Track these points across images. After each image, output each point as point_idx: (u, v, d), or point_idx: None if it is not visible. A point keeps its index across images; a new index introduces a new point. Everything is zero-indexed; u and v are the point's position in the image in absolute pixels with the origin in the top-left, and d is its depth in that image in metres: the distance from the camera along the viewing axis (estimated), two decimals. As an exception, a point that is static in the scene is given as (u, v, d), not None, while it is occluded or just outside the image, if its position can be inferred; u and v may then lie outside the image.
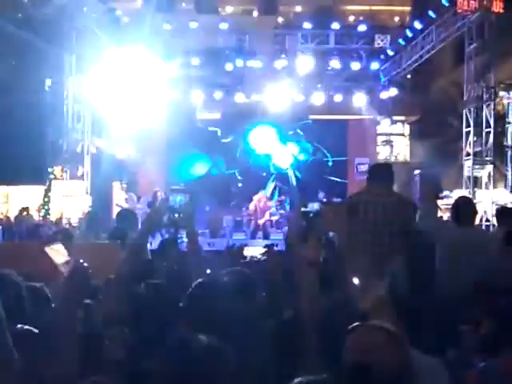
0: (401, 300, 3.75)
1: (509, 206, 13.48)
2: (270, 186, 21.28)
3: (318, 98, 20.69)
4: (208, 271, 3.45)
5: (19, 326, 2.55)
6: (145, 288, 2.78)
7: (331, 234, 5.33)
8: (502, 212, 7.36)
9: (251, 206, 18.09)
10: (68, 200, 15.56)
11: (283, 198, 20.43)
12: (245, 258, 4.35)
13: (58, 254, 4.47)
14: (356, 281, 3.29)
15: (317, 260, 3.29)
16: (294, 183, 21.09)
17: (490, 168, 14.97)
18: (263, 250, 4.48)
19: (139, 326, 2.46)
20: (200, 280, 2.83)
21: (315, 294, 2.87)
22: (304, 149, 21.55)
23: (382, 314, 2.69)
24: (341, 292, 3.17)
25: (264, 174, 21.41)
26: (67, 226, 14.67)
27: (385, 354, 2.10)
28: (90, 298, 3.14)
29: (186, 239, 3.62)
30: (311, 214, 3.38)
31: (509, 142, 17.84)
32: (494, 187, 15.08)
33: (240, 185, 21.12)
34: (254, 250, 5.55)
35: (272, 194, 21.03)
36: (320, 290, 3.08)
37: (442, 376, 2.71)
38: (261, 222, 17.69)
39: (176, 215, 3.45)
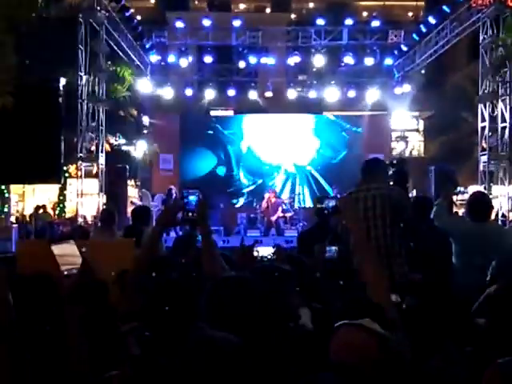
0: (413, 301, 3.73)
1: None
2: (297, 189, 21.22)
3: (332, 94, 20.65)
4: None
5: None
6: (163, 284, 2.77)
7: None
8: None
9: (264, 203, 18.06)
10: (83, 198, 15.64)
11: (298, 193, 20.49)
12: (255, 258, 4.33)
13: (66, 252, 4.46)
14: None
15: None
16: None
17: (505, 163, 14.84)
18: (273, 250, 4.45)
19: (156, 322, 2.46)
20: (226, 275, 2.80)
21: None
22: (330, 144, 21.42)
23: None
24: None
25: (277, 175, 21.37)
26: (82, 223, 14.75)
27: (366, 355, 2.08)
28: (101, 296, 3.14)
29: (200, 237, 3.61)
30: (326, 211, 3.35)
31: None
32: (510, 182, 14.94)
33: (239, 202, 21.02)
34: (265, 250, 5.51)
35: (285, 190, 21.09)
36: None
37: None
38: (273, 218, 17.64)
39: (190, 214, 3.44)
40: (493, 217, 9.54)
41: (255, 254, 4.07)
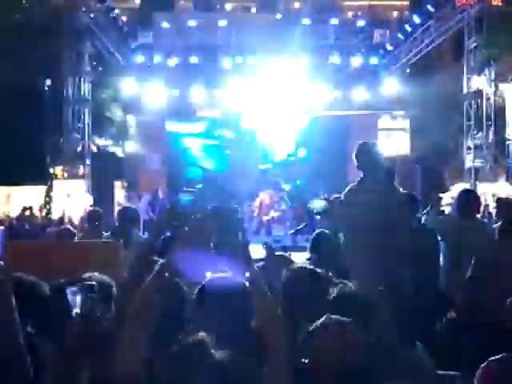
0: (402, 299, 3.74)
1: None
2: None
3: (319, 94, 20.67)
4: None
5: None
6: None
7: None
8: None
9: (256, 203, 17.89)
10: (69, 199, 15.55)
11: (284, 193, 20.48)
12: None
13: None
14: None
15: None
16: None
17: (491, 161, 14.96)
18: (262, 251, 4.36)
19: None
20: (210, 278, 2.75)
21: None
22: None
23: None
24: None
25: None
26: (69, 225, 14.67)
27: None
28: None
29: None
30: (315, 211, 3.29)
31: (510, 135, 17.79)
32: (496, 180, 15.06)
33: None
34: (255, 250, 5.36)
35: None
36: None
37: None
38: (265, 218, 17.50)
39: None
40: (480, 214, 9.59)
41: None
